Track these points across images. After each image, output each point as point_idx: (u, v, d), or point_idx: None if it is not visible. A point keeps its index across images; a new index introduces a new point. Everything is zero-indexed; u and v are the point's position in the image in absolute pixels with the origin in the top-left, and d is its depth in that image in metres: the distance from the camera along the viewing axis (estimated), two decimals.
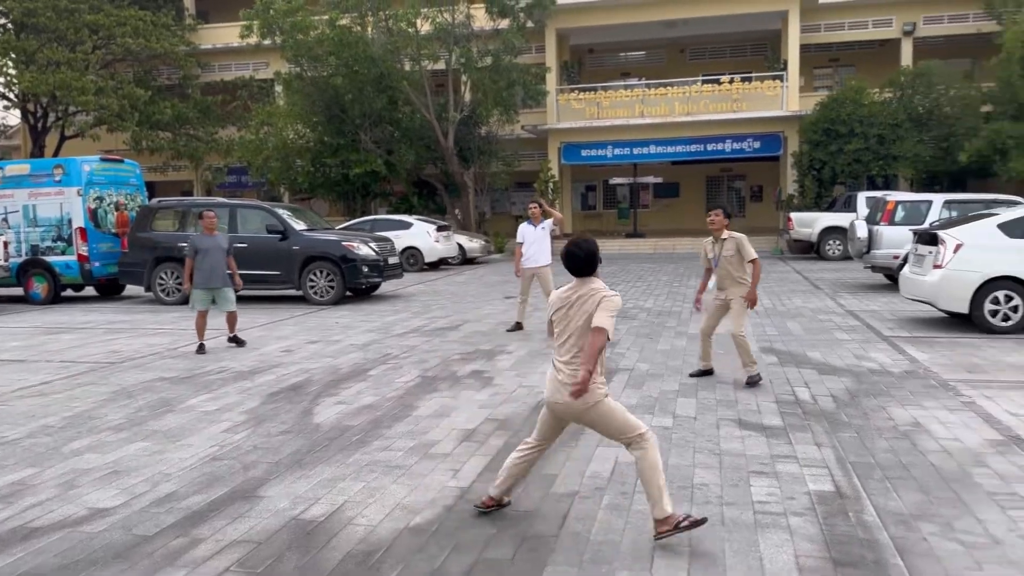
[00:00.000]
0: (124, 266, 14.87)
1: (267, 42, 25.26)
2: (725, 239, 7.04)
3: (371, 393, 7.04)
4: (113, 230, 15.29)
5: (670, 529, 3.73)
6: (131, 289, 16.43)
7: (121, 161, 16.42)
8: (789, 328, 10.15)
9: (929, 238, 9.98)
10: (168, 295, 14.25)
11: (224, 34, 30.67)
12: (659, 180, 29.60)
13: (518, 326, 10.37)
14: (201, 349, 9.27)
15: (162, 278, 14.29)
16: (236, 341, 9.64)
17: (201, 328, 9.38)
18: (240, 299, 10.30)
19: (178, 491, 4.67)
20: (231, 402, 6.81)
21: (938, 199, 14.88)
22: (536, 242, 10.26)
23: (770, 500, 4.31)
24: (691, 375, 7.39)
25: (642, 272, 18.86)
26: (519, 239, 10.36)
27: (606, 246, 26.93)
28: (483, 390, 7.06)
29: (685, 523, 3.74)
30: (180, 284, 14.10)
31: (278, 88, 27.62)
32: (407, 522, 4.14)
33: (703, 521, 3.80)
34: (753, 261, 6.96)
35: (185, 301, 13.99)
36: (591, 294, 3.90)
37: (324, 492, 4.59)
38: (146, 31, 27.33)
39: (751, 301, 7.05)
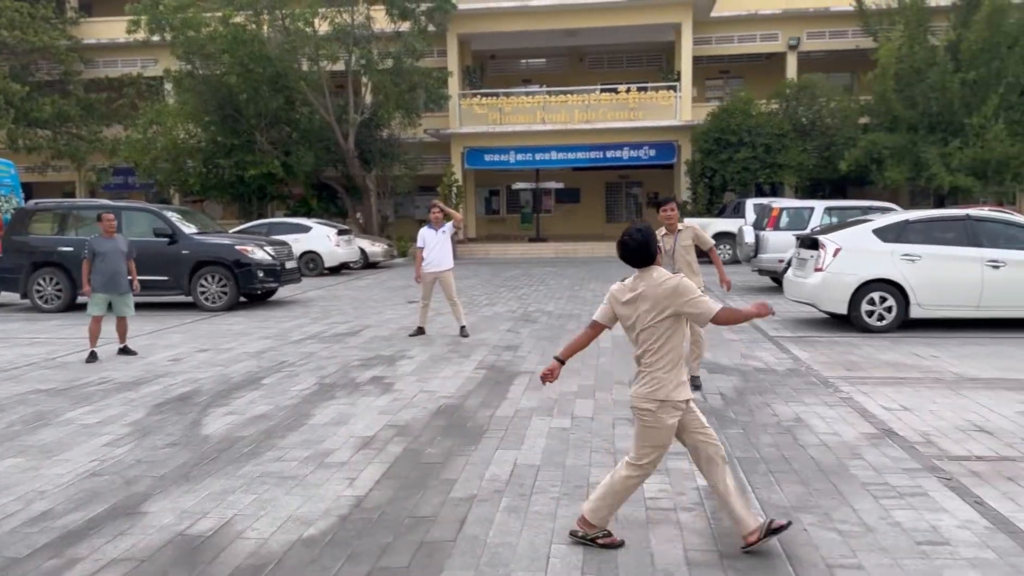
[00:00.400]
0: None
1: (156, 38, 24.16)
2: (681, 230, 7.17)
3: (264, 402, 6.83)
4: None
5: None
6: (6, 296, 15.36)
7: None
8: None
9: (811, 243, 10.53)
10: (47, 303, 13.41)
11: (109, 29, 29.19)
12: (560, 186, 30.06)
13: (420, 331, 10.30)
14: (92, 357, 8.78)
15: (40, 284, 13.43)
16: (127, 352, 9.18)
17: (95, 334, 8.90)
18: None
19: (53, 509, 4.40)
20: (113, 414, 6.46)
21: (820, 206, 15.72)
22: (438, 246, 10.22)
23: (661, 496, 4.44)
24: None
25: (544, 276, 19.09)
26: (420, 243, 10.30)
27: (509, 251, 27.16)
28: (383, 396, 6.97)
29: (777, 526, 3.68)
30: (60, 291, 13.32)
31: (168, 86, 26.50)
32: (300, 534, 4.03)
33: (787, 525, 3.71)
34: (711, 248, 7.20)
35: (66, 308, 13.28)
36: (657, 284, 3.64)
37: (212, 506, 4.42)
38: (23, 23, 25.73)
39: (728, 284, 7.34)
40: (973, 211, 10.79)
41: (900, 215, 10.65)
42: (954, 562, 3.59)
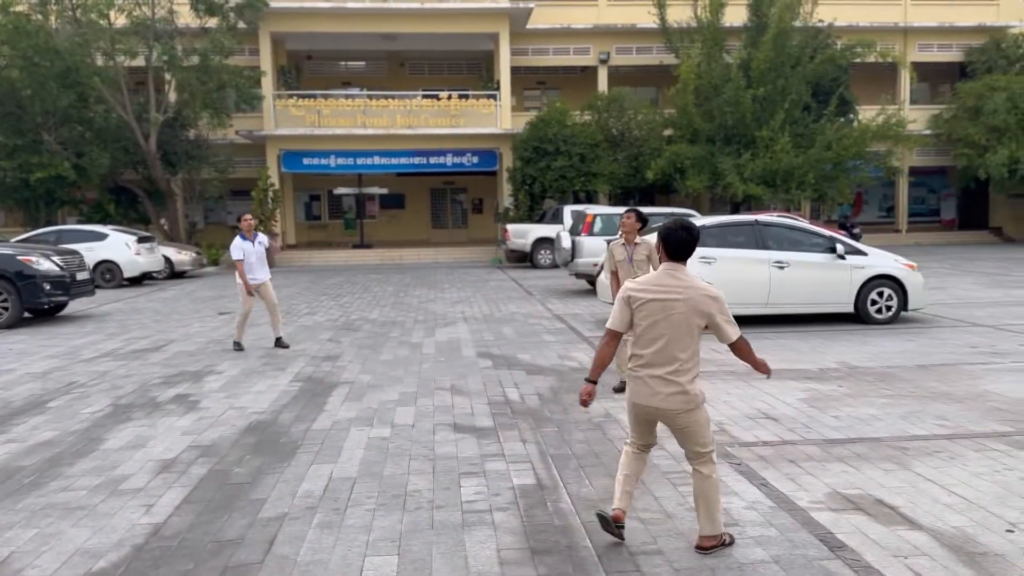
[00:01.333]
0: None
1: None
2: (638, 243, 6.83)
3: (50, 427, 6.19)
4: None
5: (716, 545, 3.77)
6: None
7: None
8: (504, 333, 10.69)
9: None
10: None
11: None
12: (384, 191, 29.71)
13: (239, 346, 9.77)
14: None
15: None
16: None
17: None
18: None
19: None
20: None
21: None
22: (255, 256, 9.76)
23: (477, 499, 4.48)
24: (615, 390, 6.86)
25: (368, 283, 18.78)
26: (238, 256, 9.72)
27: (332, 258, 26.50)
28: (187, 415, 6.53)
29: (728, 540, 3.84)
30: None
31: None
32: (88, 568, 3.69)
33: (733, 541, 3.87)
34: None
35: None
36: (688, 290, 3.67)
37: None
38: None
39: None
40: (761, 216, 11.84)
41: (697, 221, 11.48)
42: (742, 541, 3.89)
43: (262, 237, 9.96)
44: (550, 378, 7.74)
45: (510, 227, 23.29)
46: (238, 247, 9.67)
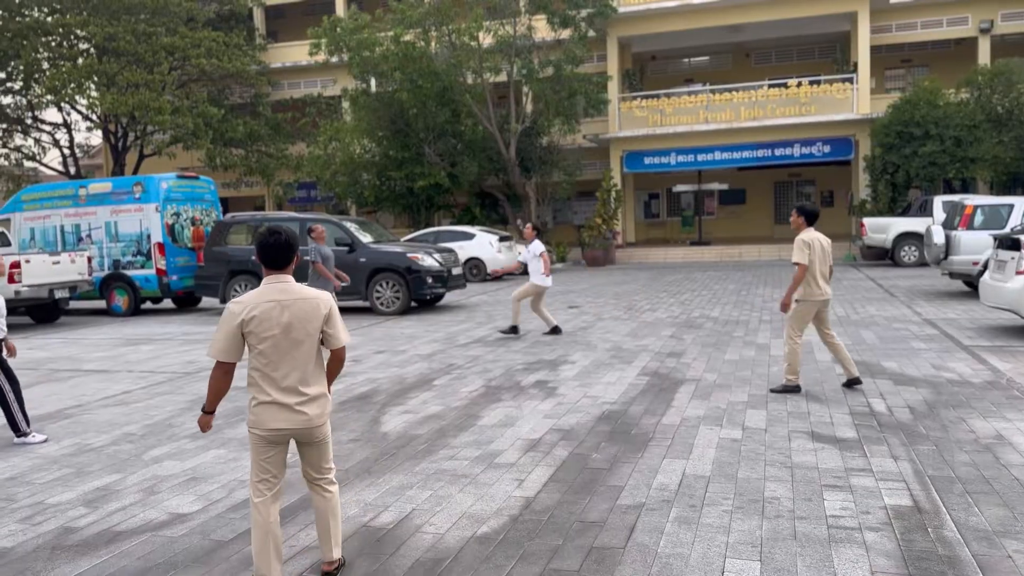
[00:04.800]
0: (200, 279, 15.41)
1: (334, 60, 25.85)
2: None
3: (436, 402, 7.12)
4: (190, 244, 15.87)
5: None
6: (207, 301, 17.03)
7: (196, 178, 17.05)
8: (863, 337, 9.84)
9: (1011, 243, 9.56)
10: None
11: (293, 52, 31.53)
12: (724, 187, 29.14)
13: (515, 329, 11.03)
14: None
15: (236, 290, 14.75)
16: None
17: None
18: None
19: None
20: None
21: (1020, 202, 14.25)
22: (534, 261, 10.96)
23: (844, 514, 4.19)
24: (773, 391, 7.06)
25: (708, 280, 18.58)
26: (526, 257, 11.31)
27: (669, 255, 26.66)
28: (547, 400, 7.06)
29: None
30: None
31: (345, 104, 28.22)
32: (474, 531, 4.17)
33: None
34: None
35: None
36: None
37: (393, 500, 4.67)
38: (219, 51, 28.29)
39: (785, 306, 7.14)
40: None
41: None
42: None
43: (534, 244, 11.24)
44: (923, 390, 6.95)
45: (867, 221, 21.32)
46: (533, 250, 11.07)
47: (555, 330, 10.94)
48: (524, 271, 10.48)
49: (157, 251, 15.42)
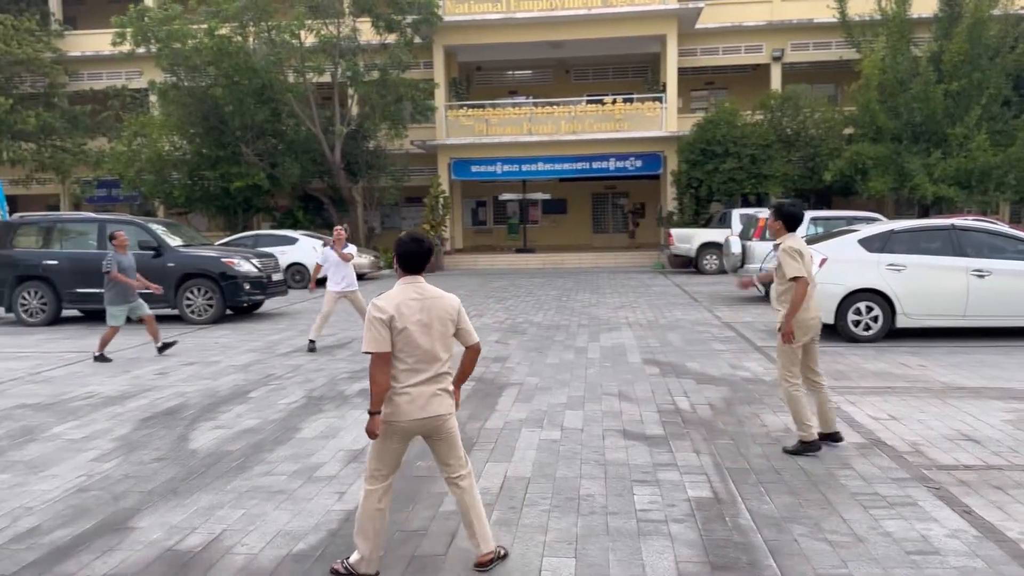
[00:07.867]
0: None
1: (141, 50, 24.06)
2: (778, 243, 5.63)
3: (252, 416, 6.79)
4: None
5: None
6: None
7: None
8: (670, 339, 10.51)
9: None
10: (31, 316, 13.29)
11: (94, 41, 29.02)
12: (547, 197, 30.10)
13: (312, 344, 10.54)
14: (102, 359, 9.62)
15: (24, 298, 13.31)
16: (167, 347, 10.16)
17: (107, 341, 9.74)
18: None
19: (41, 525, 4.35)
20: (100, 429, 6.40)
21: (806, 216, 15.83)
22: (345, 266, 10.75)
23: (652, 508, 4.44)
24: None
25: (532, 287, 19.10)
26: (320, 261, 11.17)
27: (496, 262, 27.16)
28: None
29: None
30: (44, 305, 13.21)
31: (152, 98, 26.36)
32: (290, 548, 4.01)
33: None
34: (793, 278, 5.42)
35: (50, 322, 13.18)
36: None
37: (201, 521, 4.38)
38: (6, 35, 25.56)
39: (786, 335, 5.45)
40: (958, 220, 10.90)
41: (885, 225, 10.73)
42: (944, 572, 3.61)
43: (351, 248, 11.01)
44: (722, 388, 7.52)
45: (674, 231, 22.85)
46: (326, 255, 10.86)
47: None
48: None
49: None
